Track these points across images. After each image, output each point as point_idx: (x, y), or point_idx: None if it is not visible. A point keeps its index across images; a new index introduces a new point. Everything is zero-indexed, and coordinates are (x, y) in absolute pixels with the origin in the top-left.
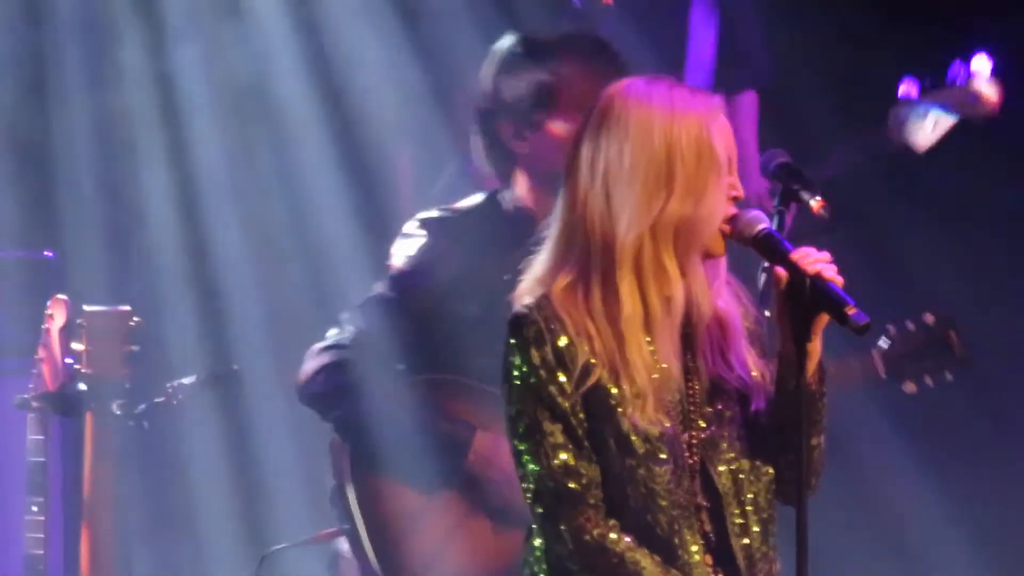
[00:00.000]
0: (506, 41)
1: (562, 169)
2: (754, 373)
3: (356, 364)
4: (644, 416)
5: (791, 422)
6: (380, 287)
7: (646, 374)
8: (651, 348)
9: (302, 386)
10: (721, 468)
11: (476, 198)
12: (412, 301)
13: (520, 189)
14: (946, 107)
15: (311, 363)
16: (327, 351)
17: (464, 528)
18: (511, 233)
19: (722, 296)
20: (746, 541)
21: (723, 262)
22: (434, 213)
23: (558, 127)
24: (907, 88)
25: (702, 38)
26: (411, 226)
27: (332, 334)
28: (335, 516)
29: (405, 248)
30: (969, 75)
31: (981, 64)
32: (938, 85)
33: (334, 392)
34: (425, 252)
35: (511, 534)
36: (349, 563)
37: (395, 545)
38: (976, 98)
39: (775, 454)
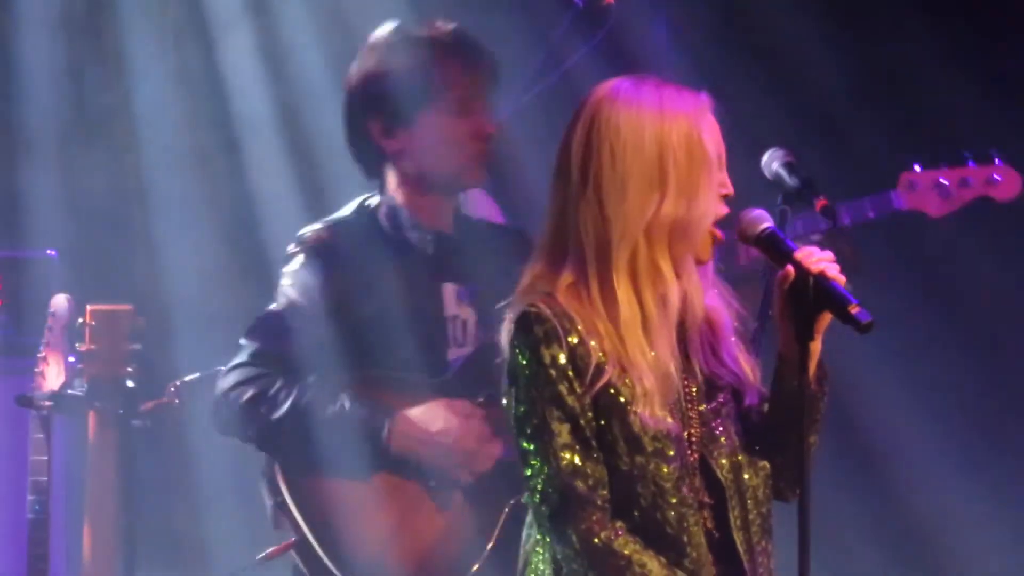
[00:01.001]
0: (380, 32)
1: (435, 168)
2: (745, 369)
3: (262, 377)
4: (652, 414)
5: (789, 421)
6: (272, 306)
7: (650, 373)
8: (650, 349)
9: (214, 413)
10: (723, 462)
11: (349, 207)
12: (304, 312)
13: (391, 188)
14: (964, 183)
15: (218, 388)
16: (230, 373)
17: (404, 504)
18: (386, 234)
19: (710, 294)
20: (746, 535)
21: (710, 263)
22: (310, 228)
23: (431, 124)
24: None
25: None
26: (291, 247)
27: (234, 359)
28: (280, 537)
29: (290, 266)
30: (989, 161)
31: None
32: (957, 162)
33: (245, 409)
34: (309, 265)
35: (448, 498)
36: None
37: (344, 539)
38: (995, 182)
39: (771, 451)
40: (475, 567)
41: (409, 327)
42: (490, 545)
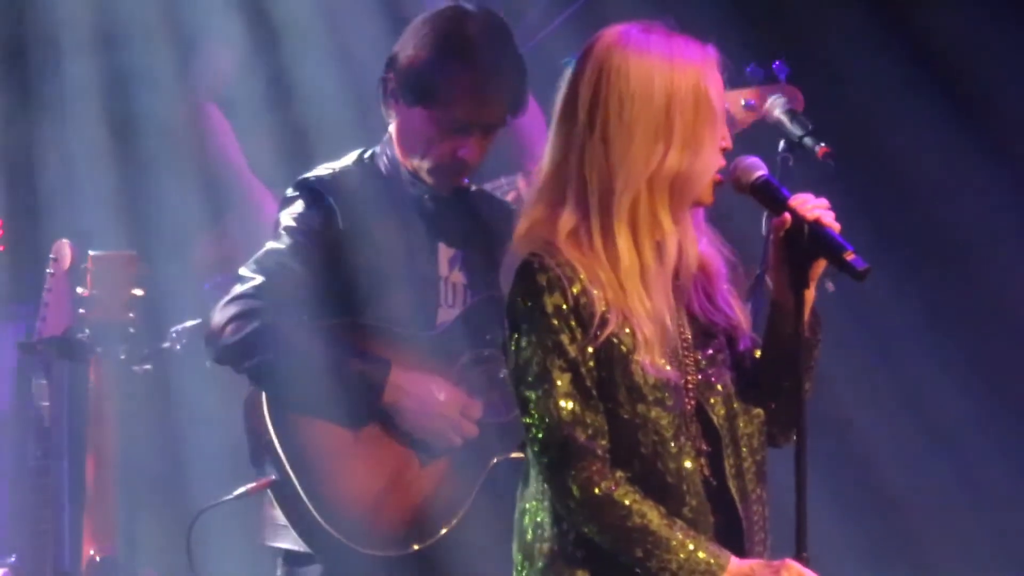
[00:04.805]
0: (441, 10)
1: (405, 152)
2: (739, 314)
3: (265, 311)
4: (653, 363)
5: (782, 367)
6: (273, 244)
7: (649, 322)
8: (648, 298)
9: (213, 340)
10: (719, 410)
11: (349, 156)
12: (306, 252)
13: (394, 142)
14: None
15: (219, 317)
16: (234, 302)
17: (388, 456)
18: (387, 185)
19: (702, 241)
20: (741, 482)
21: (701, 210)
22: (312, 174)
23: (419, 120)
24: None
25: None
26: (290, 190)
27: (235, 289)
28: (258, 474)
29: (291, 208)
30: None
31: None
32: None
33: (247, 340)
34: (310, 209)
35: (431, 454)
36: (275, 526)
37: (326, 483)
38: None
39: (764, 398)
40: (452, 523)
41: (404, 281)
42: (467, 504)
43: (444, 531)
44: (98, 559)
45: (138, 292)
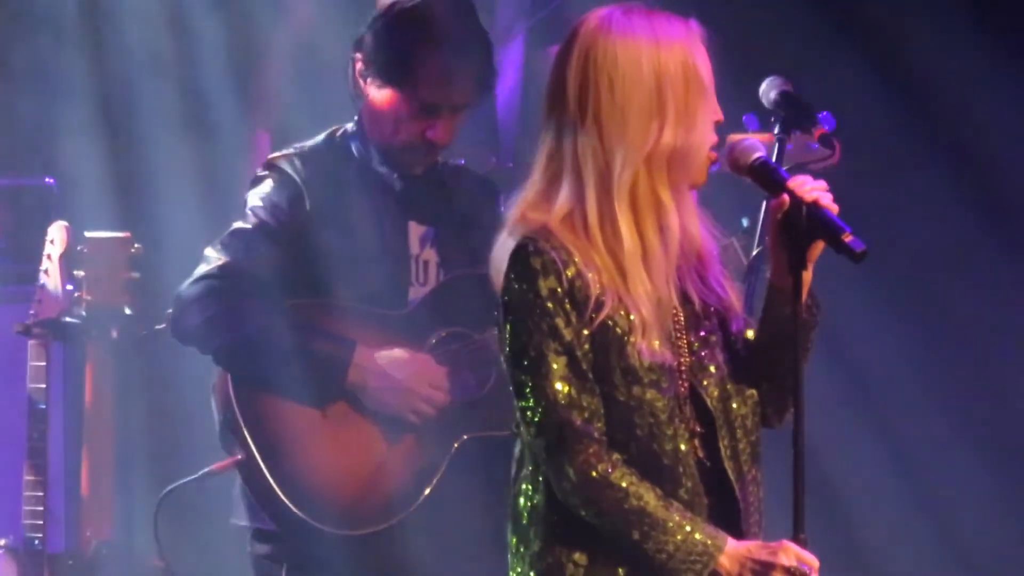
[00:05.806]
0: (411, 3)
1: (372, 131)
2: (732, 295)
3: (229, 292)
4: (650, 346)
5: (778, 348)
6: (240, 224)
7: (649, 304)
8: (648, 280)
9: (177, 322)
10: (712, 392)
11: (319, 136)
12: (273, 233)
13: (364, 122)
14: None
15: (183, 298)
16: (198, 283)
17: (354, 435)
18: (357, 165)
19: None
20: (736, 463)
21: (694, 192)
22: (281, 153)
23: (389, 100)
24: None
25: None
26: (260, 169)
27: (200, 269)
28: (227, 454)
29: (259, 188)
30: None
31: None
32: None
33: (211, 321)
34: (279, 189)
35: (398, 434)
36: (247, 505)
37: (291, 463)
38: (813, 149)
39: (758, 379)
40: (418, 502)
41: (374, 260)
42: (434, 482)
43: (409, 510)
44: (94, 542)
45: (134, 274)
